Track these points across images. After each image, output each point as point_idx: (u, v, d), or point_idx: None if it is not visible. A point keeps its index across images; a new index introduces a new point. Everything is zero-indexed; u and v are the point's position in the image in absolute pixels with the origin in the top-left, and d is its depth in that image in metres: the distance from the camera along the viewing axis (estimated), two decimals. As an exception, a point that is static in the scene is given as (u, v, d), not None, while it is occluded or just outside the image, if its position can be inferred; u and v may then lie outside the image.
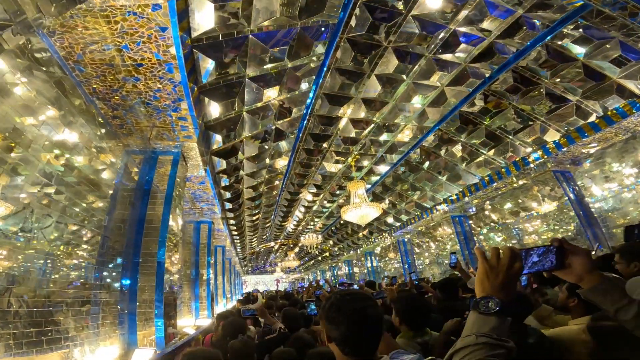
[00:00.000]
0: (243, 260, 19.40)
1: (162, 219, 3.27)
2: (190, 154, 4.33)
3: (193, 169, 4.75)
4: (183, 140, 4.09)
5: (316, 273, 24.49)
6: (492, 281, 0.79)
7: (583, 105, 5.09)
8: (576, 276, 0.87)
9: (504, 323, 0.74)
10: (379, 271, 14.86)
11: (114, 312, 2.61)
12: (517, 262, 0.79)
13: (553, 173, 6.21)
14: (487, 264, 0.81)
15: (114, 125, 4.00)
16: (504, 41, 4.73)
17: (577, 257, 0.86)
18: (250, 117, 5.03)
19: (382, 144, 7.19)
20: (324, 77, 5.21)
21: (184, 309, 5.55)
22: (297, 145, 6.80)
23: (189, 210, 6.67)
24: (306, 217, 12.93)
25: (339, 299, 1.06)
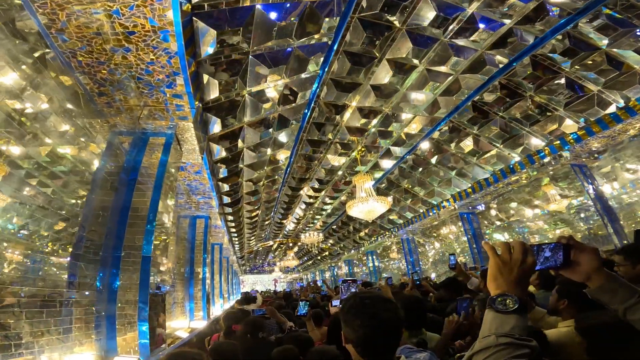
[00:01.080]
0: (241, 260, 18.96)
1: (150, 207, 2.86)
2: (185, 136, 3.93)
3: (189, 154, 4.35)
4: (178, 121, 3.69)
5: (315, 273, 24.08)
6: (506, 277, 0.76)
7: (604, 96, 4.75)
8: (583, 275, 0.84)
9: (524, 321, 0.71)
10: (381, 271, 14.50)
11: (88, 314, 2.21)
12: (529, 256, 0.77)
13: (571, 167, 5.85)
14: (499, 259, 0.78)
15: (100, 104, 3.59)
16: (524, 27, 4.36)
17: (584, 255, 0.83)
18: (253, 100, 4.63)
19: (389, 136, 6.80)
20: (331, 61, 4.82)
21: (177, 310, 5.14)
22: (300, 136, 6.40)
23: (184, 204, 6.26)
24: (307, 215, 12.53)
25: (358, 302, 1.05)
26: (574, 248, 0.84)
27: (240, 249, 14.81)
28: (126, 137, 3.79)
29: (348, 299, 1.10)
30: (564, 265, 0.84)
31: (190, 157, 4.46)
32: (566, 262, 0.84)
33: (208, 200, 6.20)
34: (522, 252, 0.77)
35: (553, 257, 0.84)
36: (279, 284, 27.87)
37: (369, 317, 1.01)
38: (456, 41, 4.62)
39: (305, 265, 22.93)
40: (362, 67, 4.96)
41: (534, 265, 0.77)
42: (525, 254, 0.77)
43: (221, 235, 9.19)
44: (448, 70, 5.09)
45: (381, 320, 1.01)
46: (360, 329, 1.01)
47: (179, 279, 5.48)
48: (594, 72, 4.51)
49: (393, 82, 5.23)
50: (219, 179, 6.02)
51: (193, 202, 6.17)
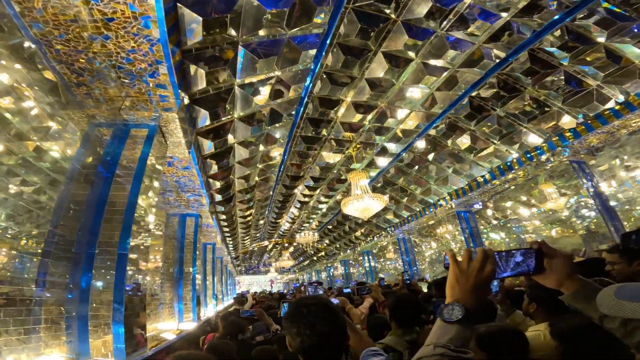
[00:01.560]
0: (236, 260, 18.73)
1: (128, 202, 2.68)
2: (170, 128, 3.75)
3: (175, 147, 4.16)
4: (162, 112, 3.51)
5: (311, 273, 23.89)
6: (462, 285, 0.75)
7: (604, 91, 4.66)
8: (556, 281, 0.83)
9: (466, 332, 0.70)
10: (378, 271, 14.37)
11: (57, 314, 2.03)
12: (489, 265, 0.75)
13: (570, 163, 5.76)
14: (458, 267, 0.77)
15: (78, 94, 3.41)
16: (522, 20, 4.26)
17: (556, 261, 0.82)
18: (243, 93, 4.46)
19: (385, 132, 6.67)
20: (325, 53, 4.67)
21: (165, 312, 4.94)
22: (293, 132, 6.24)
23: (173, 202, 6.06)
24: (302, 215, 12.36)
25: (296, 310, 1.03)
26: (545, 254, 0.82)
27: (234, 249, 14.59)
28: (106, 129, 3.60)
29: (290, 305, 1.09)
30: (536, 271, 0.82)
31: (176, 151, 4.28)
32: (538, 268, 0.82)
33: (198, 197, 6.01)
34: (482, 260, 0.75)
35: (525, 263, 0.82)
36: (275, 284, 27.63)
37: (305, 326, 0.99)
38: (453, 33, 4.51)
39: (301, 266, 22.73)
40: (356, 60, 4.81)
41: (492, 274, 0.75)
42: (485, 262, 0.75)
43: (214, 234, 8.98)
44: (445, 64, 4.97)
45: (318, 329, 0.98)
46: (297, 337, 0.99)
47: (167, 279, 5.28)
48: (592, 66, 4.42)
49: (389, 76, 5.10)
50: (210, 175, 5.84)
51: (182, 199, 5.97)
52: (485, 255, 0.76)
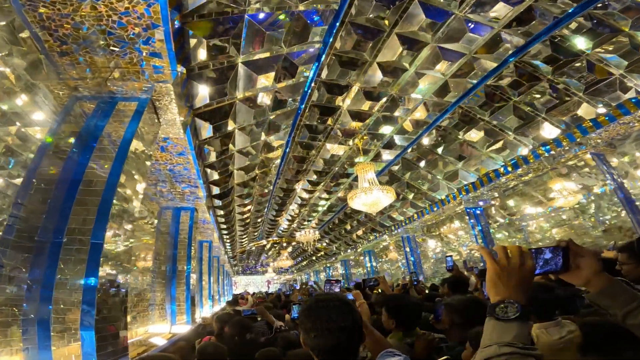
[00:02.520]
0: (233, 260, 18.25)
1: (107, 181, 2.25)
2: (163, 102, 3.34)
3: (168, 127, 3.75)
4: (155, 83, 3.10)
5: (310, 274, 23.45)
6: (505, 283, 0.73)
7: (626, 80, 4.31)
8: (583, 279, 0.82)
9: (527, 329, 0.69)
10: (379, 272, 13.97)
11: (10, 316, 1.61)
12: (529, 260, 0.75)
13: (591, 155, 5.41)
14: (497, 264, 0.75)
15: (61, 65, 2.99)
16: (547, 5, 3.88)
17: (584, 259, 0.81)
18: (247, 71, 4.07)
19: (394, 122, 6.28)
20: (336, 32, 4.26)
21: (156, 314, 4.50)
22: (297, 121, 5.83)
23: (167, 194, 5.63)
24: (302, 212, 11.93)
25: (312, 306, 1.04)
26: (573, 252, 0.82)
27: (231, 248, 14.14)
28: (89, 103, 3.18)
29: (305, 302, 1.12)
30: (564, 269, 0.82)
31: (170, 131, 3.86)
32: (565, 266, 0.82)
33: (194, 189, 5.58)
34: (520, 256, 0.75)
35: (553, 261, 0.82)
36: (272, 285, 27.15)
37: (322, 322, 0.99)
38: (472, 17, 4.11)
39: (300, 266, 22.28)
40: (369, 42, 4.41)
41: (533, 269, 0.76)
42: (523, 257, 0.75)
43: (210, 231, 8.54)
44: (461, 48, 4.58)
45: (335, 325, 0.98)
46: (312, 333, 0.99)
47: (159, 278, 4.85)
48: (616, 54, 4.07)
49: (402, 60, 4.71)
50: (207, 164, 5.41)
51: (177, 191, 5.54)
52: (523, 251, 0.76)
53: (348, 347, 0.99)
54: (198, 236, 8.66)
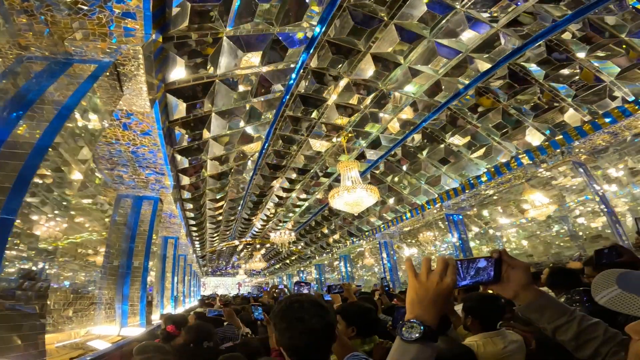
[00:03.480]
0: (202, 260, 17.26)
1: (35, 145, 1.75)
2: (129, 68, 2.86)
3: (133, 97, 3.24)
4: (122, 44, 2.61)
5: (282, 277, 22.79)
6: (421, 299, 0.70)
7: (615, 87, 4.38)
8: (512, 292, 0.80)
9: (426, 352, 0.66)
10: (355, 277, 13.73)
11: None
12: (449, 276, 0.71)
13: (573, 165, 5.48)
14: (416, 279, 0.72)
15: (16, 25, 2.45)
16: (549, 6, 3.82)
17: (514, 271, 0.79)
18: (231, 46, 3.65)
19: (381, 120, 6.07)
20: (332, 18, 3.95)
21: (102, 314, 3.87)
22: (281, 112, 5.44)
23: (127, 180, 4.99)
24: (278, 212, 11.45)
25: (286, 306, 1.03)
26: (505, 263, 0.80)
27: (201, 248, 13.30)
28: (39, 63, 2.63)
29: (279, 302, 1.09)
30: (494, 281, 0.80)
31: (135, 103, 3.33)
32: (496, 278, 0.80)
33: (160, 177, 4.99)
34: (441, 270, 0.71)
35: (485, 271, 0.79)
36: (243, 287, 26.13)
37: (296, 322, 0.99)
38: (473, 12, 3.97)
39: (273, 269, 21.57)
40: (365, 29, 4.14)
41: (452, 285, 0.71)
42: (444, 272, 0.71)
43: (177, 227, 7.85)
44: (458, 46, 4.44)
45: (309, 326, 0.98)
46: (286, 333, 0.99)
47: (110, 274, 4.20)
48: (610, 61, 4.10)
49: (397, 53, 4.48)
50: (177, 149, 4.87)
51: (139, 178, 4.93)
52: (445, 265, 0.71)
53: (321, 347, 1.00)
54: (163, 231, 7.94)
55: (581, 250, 6.25)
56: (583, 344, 0.73)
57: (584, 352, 0.73)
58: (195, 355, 2.02)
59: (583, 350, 0.73)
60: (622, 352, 0.69)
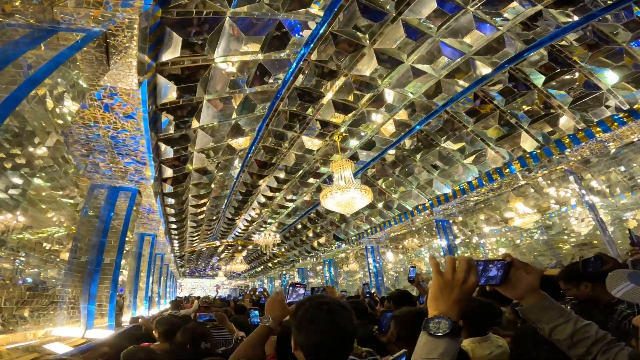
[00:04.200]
0: (180, 260, 16.49)
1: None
2: (120, 40, 2.59)
3: (119, 74, 2.93)
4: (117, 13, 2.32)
5: (263, 280, 22.19)
6: (446, 297, 0.74)
7: (612, 96, 4.44)
8: (520, 293, 0.86)
9: (455, 346, 0.70)
10: (340, 282, 13.50)
11: None
12: (472, 276, 0.75)
13: (565, 172, 5.53)
14: (442, 277, 0.76)
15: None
16: (555, 11, 3.82)
17: (528, 276, 0.85)
18: (232, 26, 3.38)
19: (377, 120, 5.93)
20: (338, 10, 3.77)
21: (64, 314, 3.42)
22: (276, 105, 5.18)
23: (104, 170, 4.56)
24: (263, 213, 11.08)
25: (314, 308, 1.02)
26: (516, 267, 0.86)
27: (180, 247, 12.67)
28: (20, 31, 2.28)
29: (303, 302, 1.07)
30: (502, 283, 0.85)
31: (121, 80, 3.00)
32: (504, 280, 0.85)
33: (141, 167, 4.59)
34: (466, 270, 0.74)
35: (497, 275, 0.84)
36: (221, 290, 25.27)
37: (326, 323, 0.98)
38: (481, 13, 3.90)
39: (254, 272, 20.96)
40: (372, 23, 3.97)
41: (475, 285, 0.75)
42: (469, 272, 0.74)
43: (156, 223, 7.35)
44: (462, 47, 4.36)
45: (337, 328, 0.98)
46: (316, 335, 0.98)
47: (76, 271, 3.75)
48: (610, 68, 4.15)
49: (400, 50, 4.35)
50: (161, 137, 4.51)
51: (118, 167, 4.51)
52: (469, 265, 0.75)
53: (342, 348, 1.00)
54: (140, 228, 7.41)
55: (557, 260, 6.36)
56: (577, 343, 0.80)
57: (577, 351, 0.80)
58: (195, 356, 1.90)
59: (576, 348, 0.80)
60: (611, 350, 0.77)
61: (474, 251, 8.59)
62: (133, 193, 4.71)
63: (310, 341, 0.98)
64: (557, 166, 5.42)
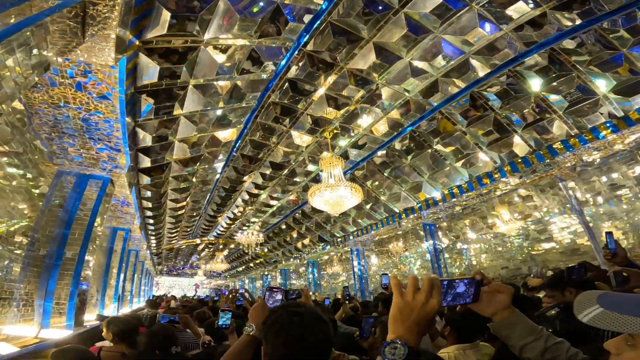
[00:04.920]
0: (157, 257, 15.76)
1: None
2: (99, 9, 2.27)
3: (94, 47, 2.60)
4: None
5: (244, 281, 21.62)
6: (405, 319, 0.70)
7: (607, 102, 4.47)
8: (492, 311, 0.86)
9: None
10: (323, 284, 13.28)
11: None
12: (434, 297, 0.71)
13: (556, 179, 5.56)
14: (402, 298, 0.72)
15: None
16: (560, 13, 3.77)
17: (500, 295, 0.86)
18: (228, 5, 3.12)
19: (371, 117, 5.77)
20: None
21: (14, 312, 2.99)
22: (266, 96, 4.92)
23: (73, 155, 4.13)
24: (247, 211, 10.71)
25: (285, 318, 0.95)
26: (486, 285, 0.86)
27: (157, 244, 12.07)
28: None
29: (275, 310, 1.01)
30: (473, 301, 0.85)
31: (96, 54, 2.67)
32: (476, 298, 0.85)
33: (115, 154, 4.20)
34: (428, 291, 0.71)
35: (466, 293, 0.83)
36: (200, 290, 24.46)
37: (295, 338, 0.91)
38: (484, 11, 3.80)
39: (235, 272, 20.37)
40: (374, 14, 3.79)
41: (437, 307, 0.71)
42: (431, 293, 0.71)
43: (130, 217, 6.88)
44: (462, 46, 4.25)
45: (307, 341, 0.91)
46: (282, 348, 0.91)
47: (33, 265, 3.31)
48: (608, 74, 4.14)
49: (400, 45, 4.19)
50: (139, 122, 4.15)
51: (89, 152, 4.11)
52: (432, 285, 0.71)
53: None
54: (113, 221, 6.92)
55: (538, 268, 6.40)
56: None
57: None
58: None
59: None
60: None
61: (458, 256, 8.60)
62: (104, 182, 4.30)
63: (276, 353, 0.91)
64: (548, 172, 5.43)
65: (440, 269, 7.47)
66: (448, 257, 8.48)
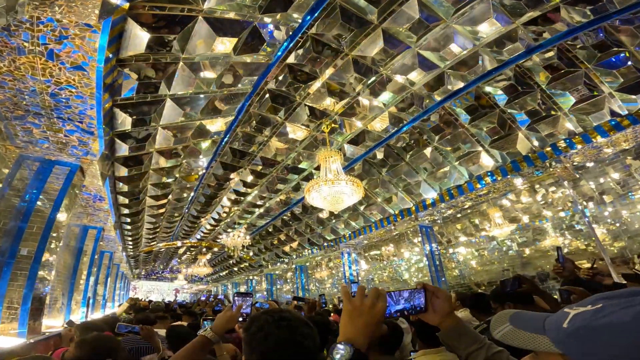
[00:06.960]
0: (134, 260, 14.78)
1: None
2: None
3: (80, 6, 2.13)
4: None
5: (228, 286, 20.72)
6: (354, 323, 0.75)
7: (613, 100, 4.38)
8: (437, 319, 0.88)
9: None
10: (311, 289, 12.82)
11: None
12: (381, 302, 0.76)
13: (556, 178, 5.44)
14: (351, 304, 0.77)
15: None
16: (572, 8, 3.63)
17: (438, 301, 0.88)
18: None
19: (370, 113, 5.48)
20: None
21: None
22: (263, 83, 4.52)
23: (38, 139, 3.58)
24: (233, 212, 10.15)
25: (270, 324, 0.92)
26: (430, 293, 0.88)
27: (134, 246, 11.24)
28: None
29: (257, 317, 0.97)
30: (424, 310, 0.88)
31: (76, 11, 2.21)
32: (426, 307, 0.88)
33: (87, 137, 3.68)
34: (374, 297, 0.76)
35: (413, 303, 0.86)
36: (181, 294, 23.28)
37: (282, 343, 0.88)
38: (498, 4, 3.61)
39: (218, 276, 19.49)
40: None
41: (383, 311, 0.76)
42: (377, 299, 0.76)
43: (104, 215, 6.23)
44: (473, 38, 4.05)
45: (295, 348, 0.88)
46: (273, 354, 0.88)
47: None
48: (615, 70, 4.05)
49: (411, 32, 3.93)
50: (118, 102, 3.65)
51: (56, 135, 3.56)
52: (378, 292, 0.77)
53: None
54: (84, 219, 6.24)
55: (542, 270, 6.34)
56: None
57: None
58: None
59: None
60: None
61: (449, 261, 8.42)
62: (72, 169, 3.73)
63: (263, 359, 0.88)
64: (550, 171, 5.31)
65: (437, 272, 7.23)
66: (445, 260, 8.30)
